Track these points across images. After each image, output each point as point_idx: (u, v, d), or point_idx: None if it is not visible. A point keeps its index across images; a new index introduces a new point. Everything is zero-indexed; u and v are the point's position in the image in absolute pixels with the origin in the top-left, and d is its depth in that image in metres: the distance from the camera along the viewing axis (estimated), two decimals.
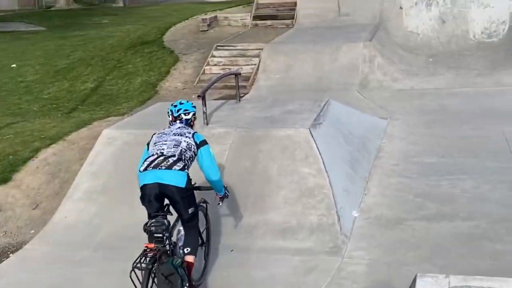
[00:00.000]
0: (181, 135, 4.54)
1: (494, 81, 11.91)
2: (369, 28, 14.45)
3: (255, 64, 13.74)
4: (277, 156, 6.72)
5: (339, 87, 11.84)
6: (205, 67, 14.19)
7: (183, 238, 4.71)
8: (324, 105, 8.12)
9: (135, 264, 4.07)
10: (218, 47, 15.05)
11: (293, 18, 17.77)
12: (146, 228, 4.32)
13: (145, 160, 4.47)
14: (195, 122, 4.91)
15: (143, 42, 16.24)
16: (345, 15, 16.58)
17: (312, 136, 6.83)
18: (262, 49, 13.91)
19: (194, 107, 4.85)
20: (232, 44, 15.13)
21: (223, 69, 14.03)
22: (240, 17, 18.54)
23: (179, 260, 4.41)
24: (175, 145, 4.47)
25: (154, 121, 7.71)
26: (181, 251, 4.66)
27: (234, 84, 9.32)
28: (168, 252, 4.38)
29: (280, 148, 6.81)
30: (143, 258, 4.13)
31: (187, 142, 4.52)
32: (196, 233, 4.80)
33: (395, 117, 9.72)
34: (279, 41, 14.71)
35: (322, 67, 12.88)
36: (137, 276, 4.08)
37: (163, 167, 4.35)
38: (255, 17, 18.48)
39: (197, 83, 13.92)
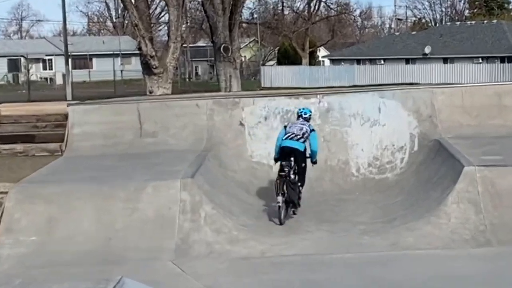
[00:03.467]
0: (303, 125, 15.43)
1: (389, 242, 12.54)
2: (191, 157, 15.13)
3: None
4: None
5: (141, 256, 12.15)
6: None
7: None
8: None
9: (276, 178, 14.92)
10: None
11: (62, 141, 18.20)
12: (280, 165, 14.91)
13: (285, 135, 15.23)
14: (310, 119, 15.57)
15: None
16: (152, 136, 17.36)
17: None
18: (6, 193, 14.02)
19: (310, 110, 16.20)
20: None
21: None
22: None
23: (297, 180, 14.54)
24: (300, 129, 15.28)
25: None
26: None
27: None
28: (290, 177, 14.60)
29: None
30: (279, 176, 14.74)
31: (306, 129, 15.26)
32: (303, 178, 15.42)
33: None
34: (37, 179, 14.85)
35: (112, 222, 13.07)
36: (277, 185, 14.82)
37: (294, 139, 15.15)
38: None
39: None
